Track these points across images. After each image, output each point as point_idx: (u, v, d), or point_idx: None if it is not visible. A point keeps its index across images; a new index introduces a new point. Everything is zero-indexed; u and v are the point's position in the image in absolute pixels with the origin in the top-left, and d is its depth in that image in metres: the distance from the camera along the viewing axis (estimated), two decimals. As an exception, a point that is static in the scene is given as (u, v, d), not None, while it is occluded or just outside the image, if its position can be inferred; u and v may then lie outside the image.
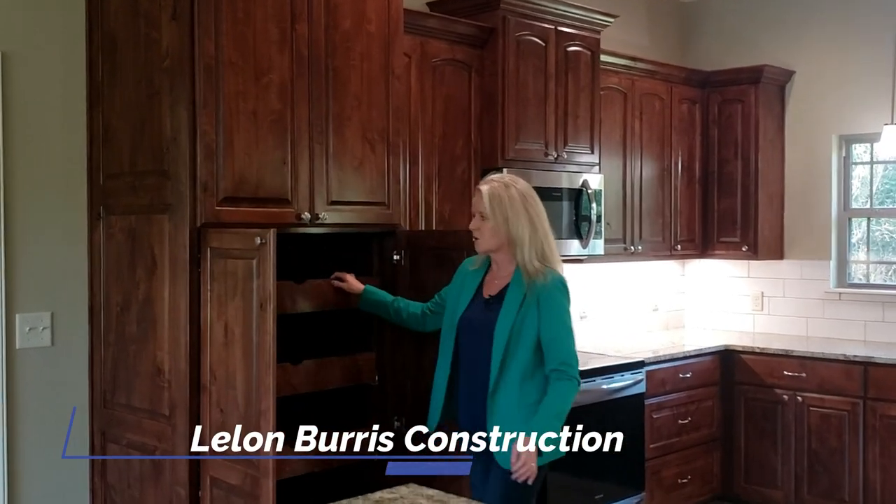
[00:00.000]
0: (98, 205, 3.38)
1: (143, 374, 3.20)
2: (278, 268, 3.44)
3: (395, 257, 3.55)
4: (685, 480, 5.22)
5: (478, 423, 3.04)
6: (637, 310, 6.00)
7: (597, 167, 4.94)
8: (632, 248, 5.37)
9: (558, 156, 4.66)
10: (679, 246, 5.74)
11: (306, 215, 3.24)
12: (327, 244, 3.67)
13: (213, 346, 2.99)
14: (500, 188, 3.03)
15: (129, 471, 3.28)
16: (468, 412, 3.10)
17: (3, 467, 3.23)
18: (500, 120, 4.37)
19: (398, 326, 3.52)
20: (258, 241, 2.80)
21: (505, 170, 4.35)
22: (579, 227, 4.77)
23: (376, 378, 3.57)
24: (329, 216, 3.32)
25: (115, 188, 3.31)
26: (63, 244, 3.38)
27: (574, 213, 4.75)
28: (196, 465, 3.03)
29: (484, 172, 4.36)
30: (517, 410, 2.96)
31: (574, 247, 4.77)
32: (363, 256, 3.64)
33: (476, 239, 3.09)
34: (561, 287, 3.05)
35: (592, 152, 4.88)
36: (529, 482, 2.90)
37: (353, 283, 3.38)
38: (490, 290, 3.10)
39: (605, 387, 4.60)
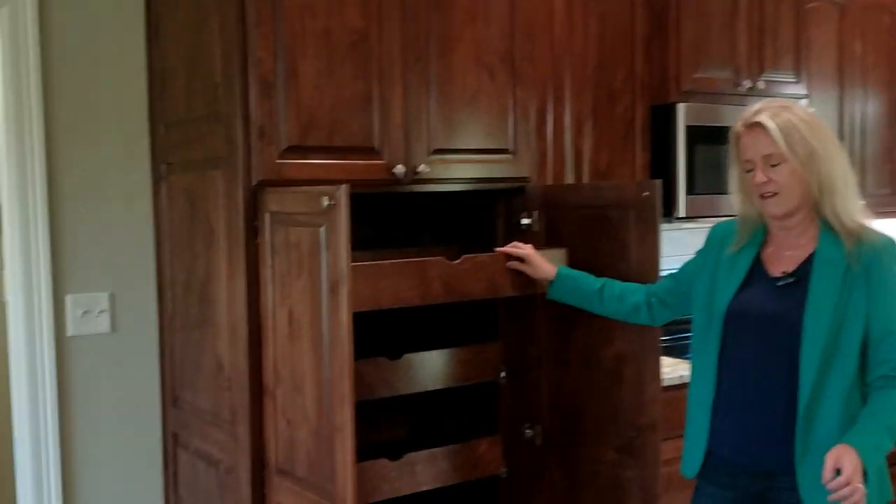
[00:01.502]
0: (160, 161, 2.78)
1: (205, 368, 2.59)
2: (358, 239, 2.76)
3: (525, 221, 2.74)
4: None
5: (773, 463, 2.13)
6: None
7: (805, 101, 3.88)
8: (851, 202, 4.26)
9: (753, 86, 3.66)
10: (913, 199, 4.56)
11: (401, 169, 2.49)
12: (432, 204, 2.91)
13: (277, 338, 2.31)
14: (786, 114, 2.09)
15: (197, 484, 2.69)
16: (751, 449, 2.15)
17: (58, 483, 2.71)
18: (674, 42, 3.43)
19: (532, 308, 2.73)
20: (325, 202, 2.07)
21: (680, 105, 3.43)
22: (780, 178, 3.76)
23: (502, 374, 2.80)
24: (432, 169, 2.54)
25: (175, 140, 2.69)
26: (123, 210, 2.80)
27: (773, 160, 3.74)
28: (261, 484, 2.38)
29: (653, 110, 3.49)
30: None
31: (773, 202, 3.76)
32: (484, 220, 2.86)
33: (770, 196, 2.11)
34: None
35: (798, 81, 3.83)
36: None
37: (539, 264, 2.52)
38: (781, 264, 2.16)
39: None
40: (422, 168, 2.51)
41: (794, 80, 3.82)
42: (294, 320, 2.23)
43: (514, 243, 2.56)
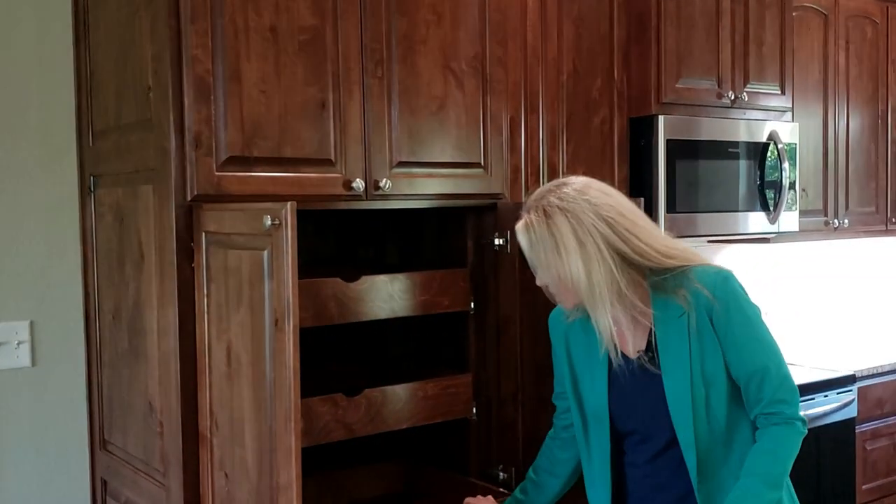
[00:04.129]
0: (88, 174, 2.48)
1: (136, 409, 2.28)
2: (318, 257, 2.49)
3: (498, 242, 2.47)
4: (911, 532, 3.92)
5: None
6: (840, 303, 4.68)
7: (788, 114, 3.67)
8: (835, 222, 4.06)
9: (736, 98, 3.44)
10: (897, 218, 4.38)
11: (359, 184, 2.21)
12: (401, 221, 2.65)
13: (214, 377, 2.02)
14: (538, 221, 1.84)
15: (128, 541, 2.38)
16: None
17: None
18: (655, 49, 3.20)
19: (501, 336, 2.48)
20: (268, 221, 1.79)
21: (660, 118, 3.18)
22: (765, 196, 3.54)
23: (474, 411, 2.53)
24: (395, 184, 2.27)
25: (105, 150, 2.39)
26: (46, 228, 2.50)
27: (757, 177, 3.52)
28: (198, 548, 2.08)
29: (632, 122, 3.25)
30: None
31: (757, 222, 3.54)
32: (453, 240, 2.59)
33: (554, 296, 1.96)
34: (731, 285, 1.87)
35: (783, 93, 3.62)
36: None
37: None
38: (633, 342, 1.93)
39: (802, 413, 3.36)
40: (383, 183, 2.24)
41: (777, 91, 3.61)
42: (233, 357, 1.94)
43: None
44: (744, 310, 1.86)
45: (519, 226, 1.89)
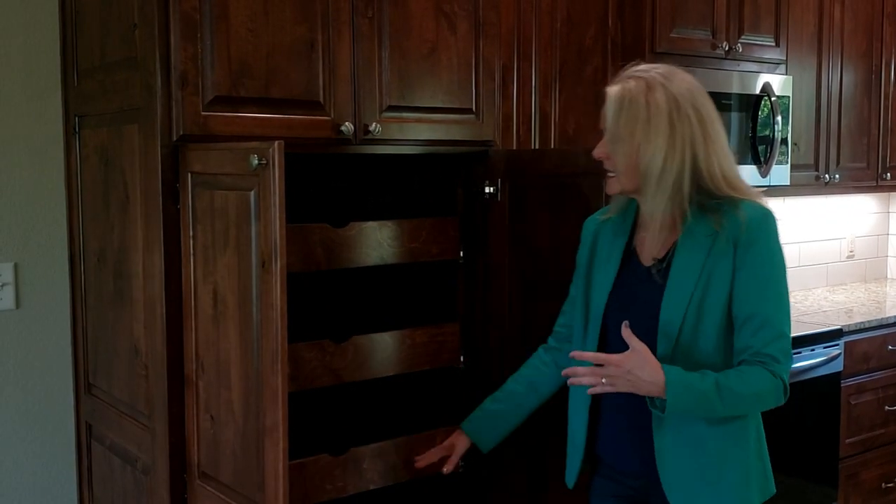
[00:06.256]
0: (73, 115, 2.43)
1: (121, 352, 2.27)
2: (307, 204, 2.46)
3: (488, 190, 2.45)
4: (891, 485, 3.96)
5: (647, 464, 1.85)
6: (827, 257, 4.69)
7: (782, 66, 3.64)
8: (826, 177, 4.05)
9: (730, 49, 3.40)
10: (888, 174, 4.36)
11: (348, 127, 2.17)
12: (384, 170, 2.61)
13: (200, 320, 2.00)
14: (637, 89, 1.77)
15: (113, 482, 2.38)
16: (625, 453, 1.92)
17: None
18: (650, -2, 3.16)
19: (490, 286, 2.47)
20: (255, 161, 1.76)
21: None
22: (756, 148, 3.52)
23: (461, 360, 2.52)
24: (384, 129, 2.24)
25: (90, 90, 2.34)
26: (30, 169, 2.46)
27: (749, 129, 3.50)
28: (182, 487, 2.07)
29: (625, 72, 3.20)
30: (703, 440, 1.81)
31: (748, 175, 3.52)
32: (442, 189, 2.56)
33: (609, 175, 1.86)
34: (769, 222, 1.80)
35: (777, 46, 3.59)
36: (591, 385, 1.74)
37: (453, 441, 2.23)
38: (651, 249, 1.86)
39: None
40: (373, 127, 2.21)
41: (772, 43, 3.57)
42: (219, 300, 1.92)
43: (430, 453, 2.25)
44: (770, 250, 1.79)
45: (613, 88, 1.80)
